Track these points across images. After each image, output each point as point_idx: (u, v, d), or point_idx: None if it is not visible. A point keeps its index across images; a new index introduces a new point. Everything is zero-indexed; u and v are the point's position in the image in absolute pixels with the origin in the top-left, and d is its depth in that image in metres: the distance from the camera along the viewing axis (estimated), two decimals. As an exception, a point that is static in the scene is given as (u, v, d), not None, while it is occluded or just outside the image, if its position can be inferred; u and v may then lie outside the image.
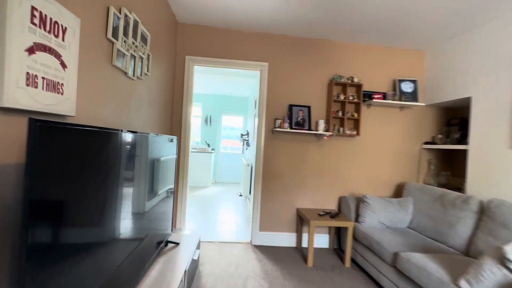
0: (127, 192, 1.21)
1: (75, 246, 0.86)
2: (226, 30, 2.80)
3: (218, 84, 5.60)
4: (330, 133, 2.77)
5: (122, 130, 1.09)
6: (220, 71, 4.35)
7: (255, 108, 4.31)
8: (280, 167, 2.91)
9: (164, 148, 1.85)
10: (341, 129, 2.85)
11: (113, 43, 1.38)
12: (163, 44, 2.30)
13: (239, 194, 5.30)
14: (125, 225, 1.21)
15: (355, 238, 2.50)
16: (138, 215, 1.38)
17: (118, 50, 1.42)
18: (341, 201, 2.92)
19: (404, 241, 2.12)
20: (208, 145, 6.54)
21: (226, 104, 6.81)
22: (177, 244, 2.02)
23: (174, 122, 2.80)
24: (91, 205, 0.91)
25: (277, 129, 2.77)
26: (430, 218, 2.36)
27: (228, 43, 2.81)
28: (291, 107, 2.87)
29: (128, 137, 1.18)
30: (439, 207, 2.31)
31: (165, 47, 2.37)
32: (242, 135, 5.62)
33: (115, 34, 1.37)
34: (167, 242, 1.99)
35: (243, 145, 5.80)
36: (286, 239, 2.89)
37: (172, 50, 2.61)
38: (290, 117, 2.84)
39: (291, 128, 2.81)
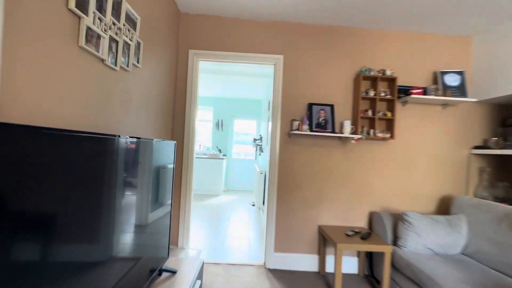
0: (107, 211, 0.84)
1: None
2: (234, 20, 2.45)
3: (229, 87, 5.28)
4: (359, 136, 2.32)
5: (84, 133, 0.73)
6: (230, 70, 4.02)
7: (269, 110, 3.93)
8: (299, 176, 2.48)
9: (159, 155, 1.50)
10: (371, 131, 2.40)
11: (79, 17, 1.04)
12: (161, 34, 1.97)
13: (252, 203, 4.89)
14: (103, 253, 0.85)
15: (394, 266, 2.02)
16: (123, 239, 1.02)
17: (89, 28, 1.08)
18: (372, 217, 2.44)
19: (464, 276, 1.62)
20: (220, 150, 6.22)
21: (238, 107, 6.48)
22: (173, 272, 1.65)
23: (177, 126, 2.46)
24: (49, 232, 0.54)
25: (295, 132, 2.36)
26: (493, 243, 1.84)
27: (237, 34, 2.46)
28: (310, 106, 2.45)
29: (103, 142, 0.82)
30: (506, 229, 1.79)
31: (164, 38, 2.04)
32: (255, 139, 5.24)
33: (82, 5, 1.03)
34: (161, 270, 1.62)
35: (256, 150, 5.41)
36: (306, 262, 2.44)
37: (173, 42, 2.29)
38: (309, 118, 2.43)
39: (311, 130, 2.39)
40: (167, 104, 2.25)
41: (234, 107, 6.48)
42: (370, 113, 2.41)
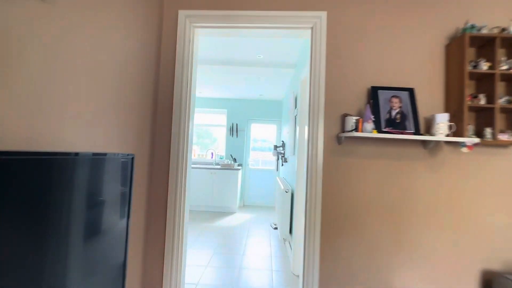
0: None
1: None
2: (249, -38, 1.58)
3: (244, 85, 4.43)
4: (476, 140, 1.31)
5: None
6: (244, 58, 3.15)
7: (296, 107, 2.99)
8: (357, 207, 1.50)
9: (98, 176, 0.61)
10: (486, 131, 1.38)
11: None
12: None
13: (273, 225, 3.92)
14: None
15: None
16: None
17: None
18: (491, 281, 1.39)
19: None
20: (234, 160, 5.33)
21: (255, 110, 5.60)
22: None
23: (162, 129, 1.60)
24: None
25: (350, 135, 1.40)
26: None
27: (252, -17, 1.57)
28: (375, 92, 1.49)
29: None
30: None
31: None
32: (276, 147, 4.30)
33: None
34: None
35: (278, 159, 4.46)
36: None
37: (151, -4, 1.44)
38: (376, 111, 1.46)
39: (379, 130, 1.42)
40: (141, 96, 1.39)
41: (251, 110, 5.60)
42: (482, 99, 1.40)
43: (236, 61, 3.34)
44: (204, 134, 5.88)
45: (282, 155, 4.23)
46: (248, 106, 5.60)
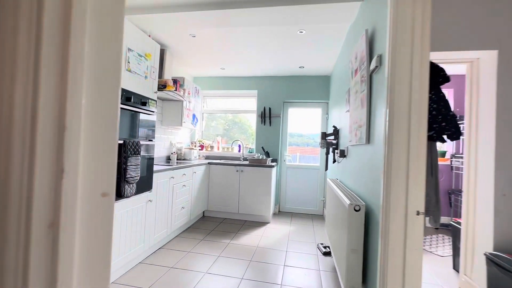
0: None
1: None
2: None
3: (280, 52, 3.22)
4: None
5: None
6: None
7: (374, 58, 1.71)
8: None
9: None
10: None
11: None
12: None
13: (323, 248, 2.70)
14: None
15: None
16: None
17: None
18: None
19: None
20: (267, 154, 4.19)
21: (293, 89, 4.35)
22: None
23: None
24: None
25: None
26: None
27: None
28: None
29: None
30: None
31: None
32: (325, 135, 3.03)
33: None
34: None
35: (327, 153, 3.18)
36: None
37: None
38: None
39: None
40: None
41: (288, 89, 4.36)
42: None
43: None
44: (230, 122, 4.83)
45: (334, 147, 2.95)
46: (284, 84, 4.37)
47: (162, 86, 2.93)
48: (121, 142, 1.88)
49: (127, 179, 1.89)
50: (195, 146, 4.37)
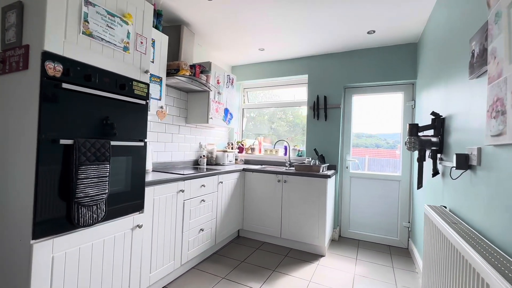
0: None
1: None
2: None
3: (341, 11, 2.16)
4: None
5: None
6: None
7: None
8: None
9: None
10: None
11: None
12: None
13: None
14: None
15: None
16: None
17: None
18: None
19: None
20: (322, 158, 3.11)
21: (360, 67, 3.14)
22: None
23: None
24: None
25: None
26: None
27: None
28: None
29: None
30: None
31: None
32: (416, 128, 1.81)
33: None
34: None
35: (423, 160, 1.91)
36: None
37: None
38: None
39: None
40: None
41: (351, 69, 3.18)
42: None
43: None
44: (273, 117, 3.91)
45: (436, 148, 1.71)
46: (345, 62, 3.21)
47: (174, 71, 2.27)
48: (69, 142, 1.22)
49: (78, 200, 1.22)
50: (231, 148, 3.64)
